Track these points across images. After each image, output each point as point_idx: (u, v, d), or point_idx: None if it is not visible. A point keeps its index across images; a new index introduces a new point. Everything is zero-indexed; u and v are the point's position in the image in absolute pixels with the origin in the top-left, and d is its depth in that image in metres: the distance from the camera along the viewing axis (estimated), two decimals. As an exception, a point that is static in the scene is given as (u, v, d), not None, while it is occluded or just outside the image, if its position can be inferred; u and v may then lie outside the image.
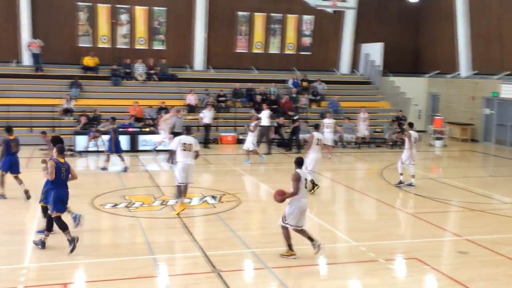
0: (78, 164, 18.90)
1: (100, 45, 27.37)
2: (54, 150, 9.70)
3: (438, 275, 8.78)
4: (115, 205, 12.47)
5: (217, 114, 24.10)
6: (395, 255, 9.84)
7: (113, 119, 17.56)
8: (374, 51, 30.06)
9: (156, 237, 10.36)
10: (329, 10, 26.92)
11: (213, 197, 13.48)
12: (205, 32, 28.28)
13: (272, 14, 29.68)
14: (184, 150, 12.02)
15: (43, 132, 17.61)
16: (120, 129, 20.94)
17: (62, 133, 21.39)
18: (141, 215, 11.73)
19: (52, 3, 26.49)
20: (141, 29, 27.89)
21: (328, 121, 20.68)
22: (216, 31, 28.76)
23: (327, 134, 19.89)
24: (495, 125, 25.64)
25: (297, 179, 9.22)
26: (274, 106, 24.53)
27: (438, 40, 30.34)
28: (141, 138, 20.96)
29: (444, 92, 28.88)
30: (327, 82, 28.29)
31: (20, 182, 13.01)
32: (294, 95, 26.45)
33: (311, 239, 9.32)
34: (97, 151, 20.06)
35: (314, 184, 13.76)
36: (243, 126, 21.12)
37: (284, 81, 28.00)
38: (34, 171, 16.54)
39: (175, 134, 17.65)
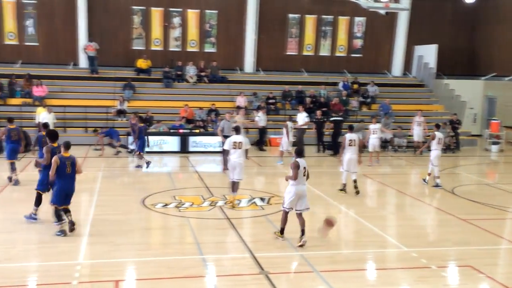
0: (129, 164, 19.34)
1: (153, 47, 27.94)
2: (61, 146, 10.26)
3: (494, 284, 8.46)
4: (166, 205, 12.65)
5: (267, 117, 24.10)
6: (448, 262, 9.55)
7: (141, 118, 18.32)
8: (428, 53, 29.39)
9: (205, 237, 10.44)
10: (382, 11, 26.46)
11: (262, 199, 13.48)
12: (255, 35, 28.39)
13: (323, 16, 29.50)
14: (234, 148, 12.54)
15: (95, 131, 18.19)
16: (171, 131, 21.38)
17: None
18: (190, 215, 11.86)
19: (107, 7, 27.26)
20: (192, 32, 28.29)
21: (373, 127, 19.42)
22: (266, 34, 28.85)
23: (373, 139, 19.23)
24: (555, 129, 24.61)
25: (295, 167, 10.00)
26: (324, 109, 24.33)
27: (495, 42, 29.38)
28: (191, 139, 21.22)
29: (501, 95, 27.90)
30: (378, 85, 27.88)
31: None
32: (344, 98, 26.18)
33: (303, 231, 9.97)
34: (149, 152, 20.44)
35: (353, 186, 14.33)
36: (294, 129, 20.91)
37: (334, 84, 27.76)
38: (89, 170, 17.04)
39: (225, 137, 17.74)
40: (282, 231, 10.32)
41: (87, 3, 26.50)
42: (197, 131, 21.79)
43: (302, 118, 21.28)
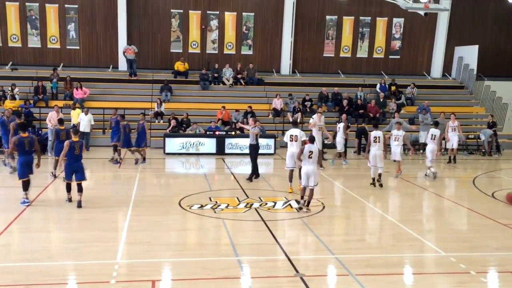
0: (166, 166, 19.59)
1: (190, 50, 28.24)
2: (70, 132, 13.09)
3: (536, 292, 8.22)
4: (202, 206, 12.76)
5: (303, 118, 24.10)
6: (488, 267, 9.32)
7: (122, 116, 19.06)
8: (469, 54, 28.81)
9: (240, 239, 10.48)
10: (421, 12, 26.04)
11: (297, 201, 13.44)
12: (292, 37, 28.36)
13: (361, 17, 29.25)
14: (291, 140, 14.11)
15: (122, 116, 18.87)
16: (208, 133, 21.55)
17: (153, 135, 22.39)
18: (226, 217, 11.92)
19: (146, 11, 27.70)
20: (229, 34, 28.47)
21: (397, 133, 16.88)
22: (303, 35, 28.82)
23: (394, 147, 16.93)
24: None
25: (301, 150, 12.40)
26: (361, 111, 24.11)
27: (538, 42, 28.53)
28: (228, 141, 21.34)
29: (544, 96, 27.08)
30: (417, 87, 27.48)
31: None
32: (382, 100, 25.89)
33: (309, 202, 12.35)
34: (185, 153, 20.72)
35: (375, 180, 15.43)
36: (331, 131, 20.67)
37: (372, 86, 27.48)
38: (126, 171, 17.34)
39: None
40: (302, 197, 12.60)
41: (127, 7, 27.00)
42: (233, 133, 21.89)
43: (341, 127, 20.03)
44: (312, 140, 12.60)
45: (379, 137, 15.41)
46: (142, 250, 9.57)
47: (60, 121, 15.77)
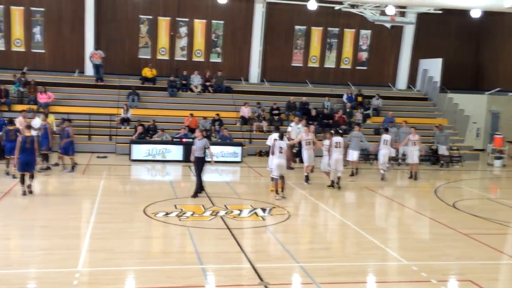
0: (131, 173, 19.41)
1: (159, 57, 28.10)
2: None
3: (494, 300, 8.41)
4: (167, 214, 12.66)
5: (270, 127, 24.21)
6: (449, 276, 9.51)
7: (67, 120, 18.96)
8: (433, 67, 29.47)
9: (205, 247, 10.43)
10: (387, 25, 26.59)
11: (263, 209, 13.48)
12: (261, 46, 28.51)
13: (329, 28, 29.62)
14: (280, 152, 14.98)
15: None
16: (175, 139, 21.43)
17: (119, 141, 22.18)
18: (191, 225, 11.86)
19: (115, 16, 27.47)
20: (198, 42, 28.45)
21: (355, 133, 19.34)
22: (272, 44, 28.99)
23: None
24: (559, 145, 24.51)
25: (272, 146, 15.06)
26: (328, 121, 24.35)
27: (500, 57, 29.41)
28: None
29: (505, 110, 27.89)
30: (383, 98, 27.92)
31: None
32: (348, 110, 26.22)
33: (282, 188, 14.83)
34: (151, 160, 20.58)
35: (334, 182, 16.61)
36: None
37: (339, 96, 27.81)
38: (91, 178, 17.11)
39: None
40: (277, 191, 14.86)
41: (95, 12, 26.71)
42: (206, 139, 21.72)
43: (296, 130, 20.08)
44: (281, 137, 15.28)
45: (340, 142, 16.59)
46: (105, 258, 9.43)
47: (10, 121, 17.18)
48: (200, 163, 14.80)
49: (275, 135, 15.80)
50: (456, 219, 13.58)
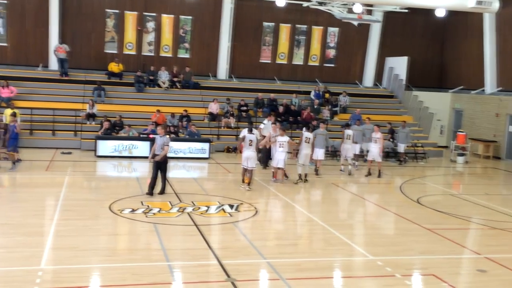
0: (97, 169, 19.13)
1: (126, 51, 27.72)
2: None
3: (456, 294, 8.61)
4: (133, 210, 12.53)
5: (238, 123, 24.20)
6: (412, 270, 9.68)
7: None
8: (399, 65, 29.89)
9: (172, 243, 10.37)
10: (355, 22, 26.85)
11: (231, 206, 13.47)
12: (230, 42, 28.43)
13: (298, 25, 29.72)
14: (250, 145, 15.46)
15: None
16: (141, 135, 21.22)
17: (84, 137, 21.84)
18: (158, 221, 11.76)
19: (81, 10, 26.94)
20: (166, 37, 28.17)
21: (320, 131, 18.39)
22: (241, 41, 28.93)
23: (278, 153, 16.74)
24: (519, 142, 25.23)
25: (241, 138, 15.93)
26: (296, 117, 24.46)
27: (464, 56, 30.03)
28: (162, 144, 20.99)
29: (468, 108, 28.53)
30: (350, 95, 28.20)
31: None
32: (316, 107, 26.39)
33: (249, 183, 15.49)
34: (118, 156, 20.33)
35: (300, 176, 17.01)
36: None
37: (306, 92, 27.96)
38: (55, 174, 16.80)
39: None
40: (243, 181, 15.60)
41: (60, 5, 26.15)
42: (168, 136, 21.57)
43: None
44: (251, 130, 15.87)
45: (309, 138, 17.11)
46: (69, 256, 9.27)
47: None
48: (163, 161, 14.38)
49: (252, 136, 15.80)
50: (420, 214, 13.84)
